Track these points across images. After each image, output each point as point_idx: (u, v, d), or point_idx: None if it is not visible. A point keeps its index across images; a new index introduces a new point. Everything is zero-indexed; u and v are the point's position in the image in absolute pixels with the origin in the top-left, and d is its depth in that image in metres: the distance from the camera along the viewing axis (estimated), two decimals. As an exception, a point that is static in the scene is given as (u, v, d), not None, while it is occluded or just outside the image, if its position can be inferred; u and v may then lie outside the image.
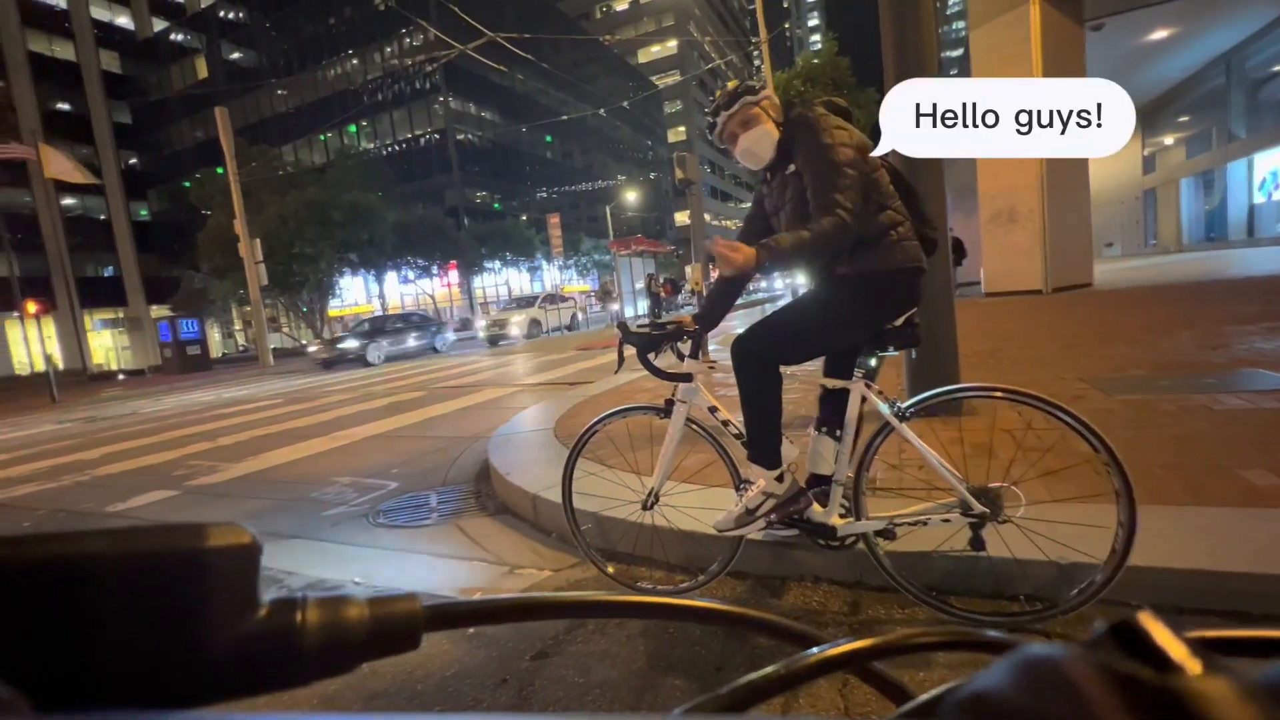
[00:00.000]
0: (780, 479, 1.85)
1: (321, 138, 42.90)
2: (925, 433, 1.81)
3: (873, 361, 1.78)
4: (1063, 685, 0.15)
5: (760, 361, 1.78)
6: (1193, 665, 0.15)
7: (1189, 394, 3.20)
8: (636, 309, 24.89)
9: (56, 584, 0.20)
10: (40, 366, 19.86)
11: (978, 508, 1.65)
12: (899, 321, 1.78)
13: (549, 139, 52.92)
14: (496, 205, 45.71)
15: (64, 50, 37.91)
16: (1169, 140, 23.56)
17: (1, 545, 0.20)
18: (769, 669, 0.27)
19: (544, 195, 51.10)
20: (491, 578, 2.33)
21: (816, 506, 1.86)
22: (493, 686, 1.61)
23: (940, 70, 4.30)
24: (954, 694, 0.18)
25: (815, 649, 0.29)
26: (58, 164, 16.49)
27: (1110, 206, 23.71)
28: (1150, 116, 21.97)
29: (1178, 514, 1.87)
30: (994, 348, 5.27)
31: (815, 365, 1.95)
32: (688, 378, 1.97)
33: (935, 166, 3.23)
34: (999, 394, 1.66)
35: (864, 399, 1.78)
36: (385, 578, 2.41)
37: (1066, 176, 10.71)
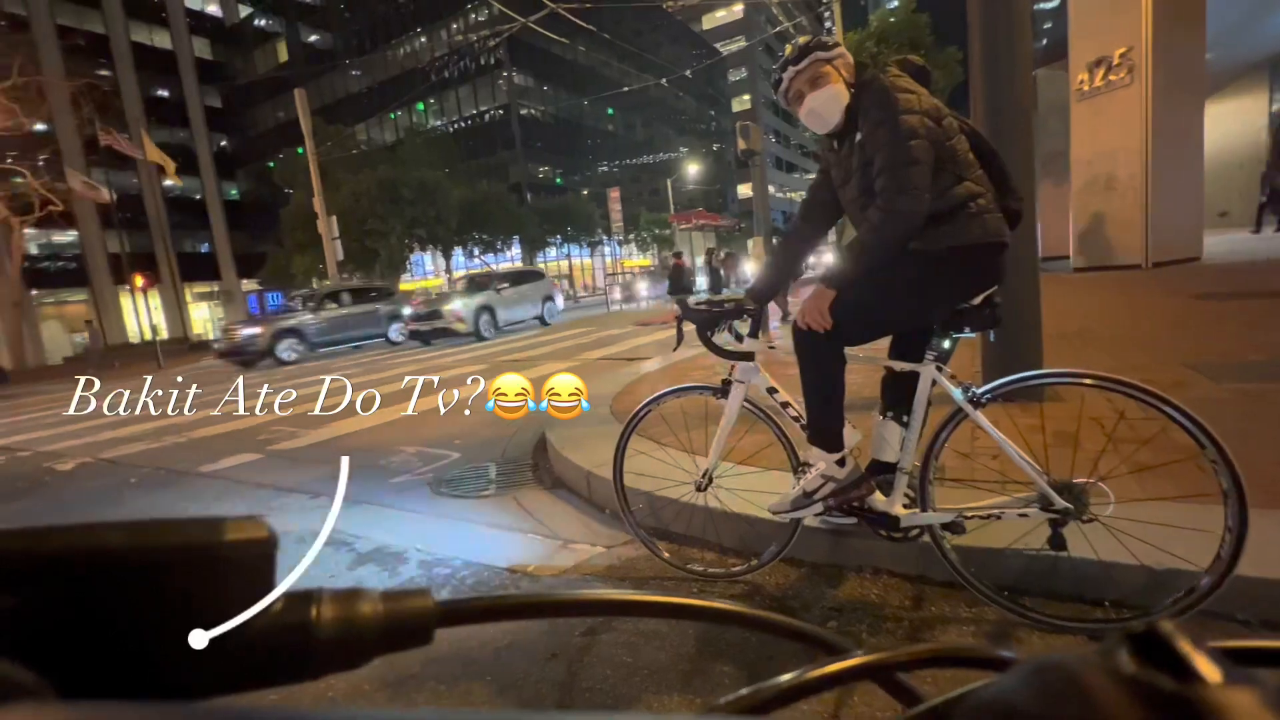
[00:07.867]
0: (841, 463, 1.77)
1: (391, 116, 44.27)
2: (1002, 420, 1.68)
3: (946, 343, 1.66)
4: (1077, 692, 0.15)
5: (823, 341, 1.69)
6: (1212, 674, 0.15)
7: (1316, 382, 2.85)
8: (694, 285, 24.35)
9: (79, 575, 0.21)
10: (149, 336, 21.69)
11: (1059, 503, 1.52)
12: (977, 300, 1.64)
13: (610, 111, 52.54)
14: (559, 180, 46.03)
15: (161, 39, 40.44)
16: (1302, 94, 20.80)
17: (26, 538, 0.20)
18: (788, 676, 0.27)
19: (605, 169, 51.01)
20: (545, 551, 2.37)
21: (878, 495, 1.77)
22: (543, 660, 1.63)
23: (1034, 22, 3.90)
24: (967, 699, 0.18)
25: (837, 659, 0.29)
26: (152, 152, 17.87)
27: (1227, 170, 21.17)
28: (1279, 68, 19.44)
29: (1298, 519, 1.66)
30: (1083, 328, 4.87)
31: (882, 344, 1.84)
32: (749, 356, 1.90)
33: (1025, 132, 2.95)
34: (1088, 381, 1.51)
35: (934, 383, 1.66)
36: (443, 547, 2.49)
37: (1178, 137, 9.62)
